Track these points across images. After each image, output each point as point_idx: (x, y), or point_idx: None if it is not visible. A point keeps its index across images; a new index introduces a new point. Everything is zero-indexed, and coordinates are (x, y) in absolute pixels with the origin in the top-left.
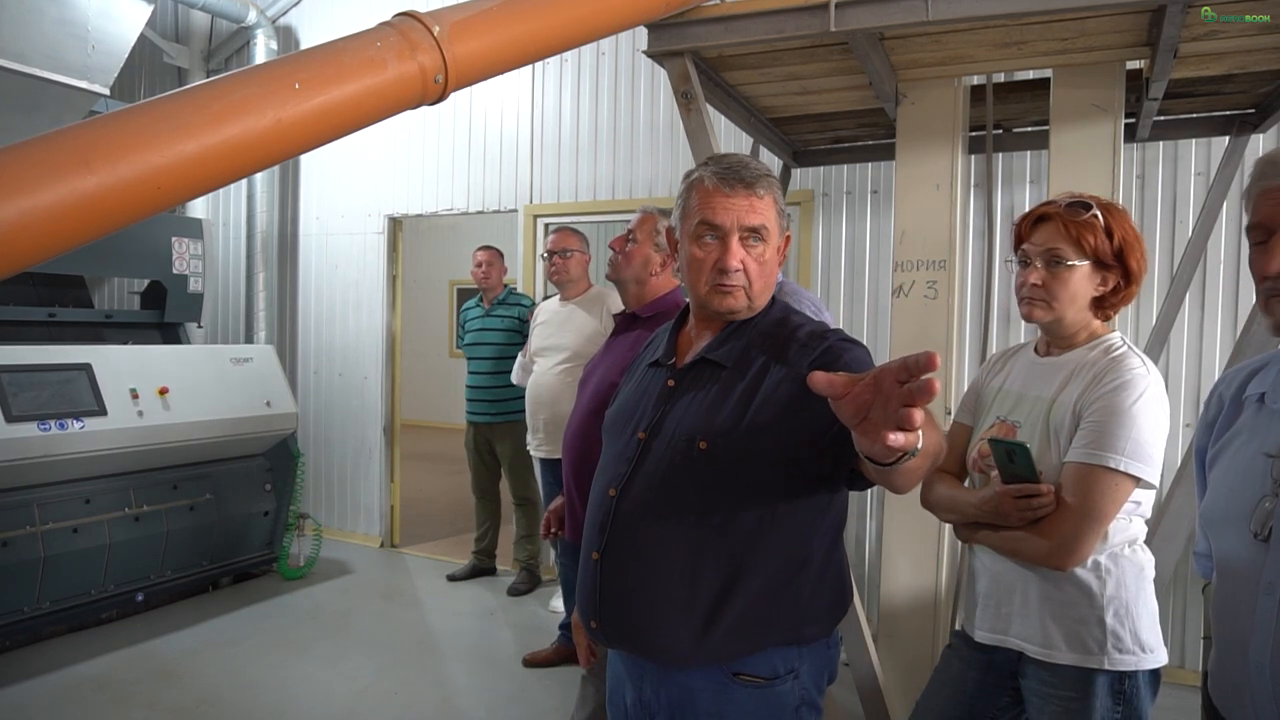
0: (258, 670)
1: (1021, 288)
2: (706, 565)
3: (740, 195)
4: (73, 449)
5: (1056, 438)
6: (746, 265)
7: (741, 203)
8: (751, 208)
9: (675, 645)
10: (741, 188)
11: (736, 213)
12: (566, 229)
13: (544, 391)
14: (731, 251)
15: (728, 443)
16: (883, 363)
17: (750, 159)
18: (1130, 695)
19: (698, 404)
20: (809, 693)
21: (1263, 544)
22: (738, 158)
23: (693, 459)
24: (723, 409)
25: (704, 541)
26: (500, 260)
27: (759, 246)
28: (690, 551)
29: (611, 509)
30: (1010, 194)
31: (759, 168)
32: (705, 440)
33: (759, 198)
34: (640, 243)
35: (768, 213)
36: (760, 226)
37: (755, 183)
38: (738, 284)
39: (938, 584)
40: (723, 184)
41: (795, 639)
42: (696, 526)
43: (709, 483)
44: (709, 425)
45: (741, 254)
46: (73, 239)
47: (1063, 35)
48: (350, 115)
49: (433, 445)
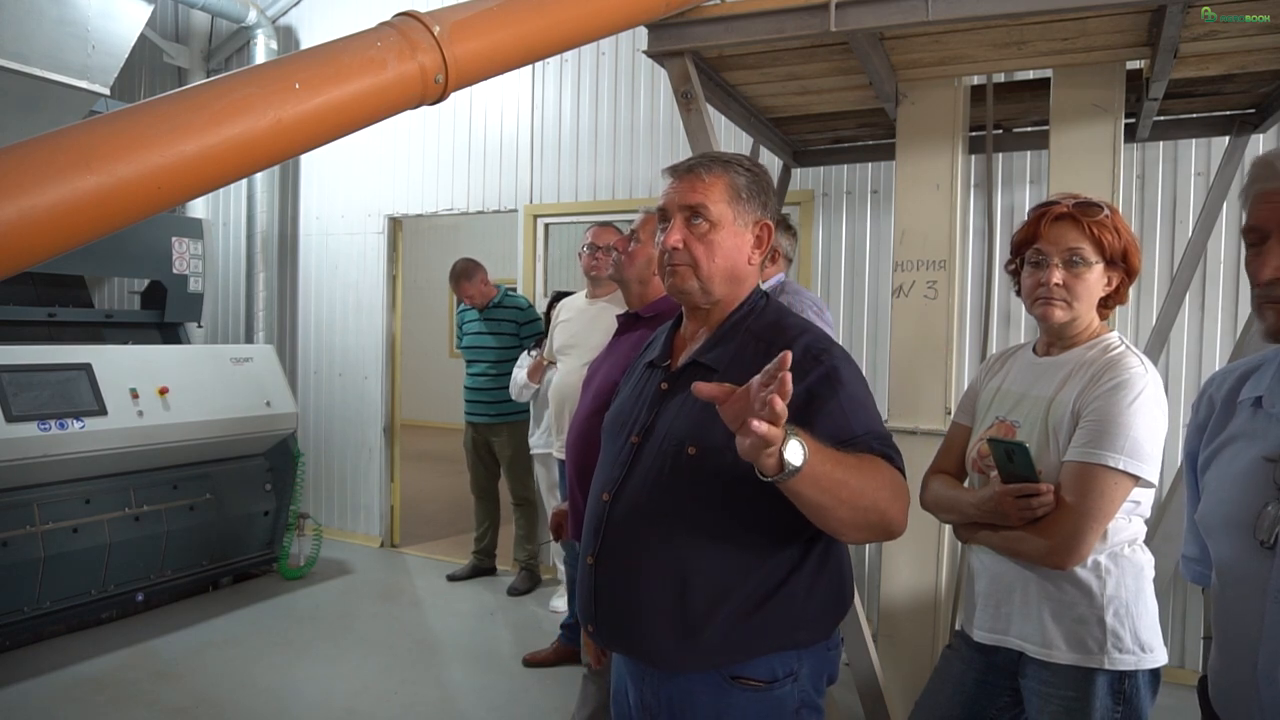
0: (258, 670)
1: (1038, 288)
2: (695, 570)
3: (683, 179)
4: (73, 449)
5: (1055, 437)
6: (690, 245)
7: (683, 185)
8: (691, 187)
9: (666, 650)
10: (685, 172)
11: (677, 194)
12: (609, 225)
13: (570, 391)
14: (671, 229)
15: (718, 450)
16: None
17: (716, 153)
18: (1130, 695)
19: (688, 409)
20: (809, 695)
21: (1269, 551)
22: (701, 154)
23: (681, 464)
24: (713, 417)
25: (693, 546)
26: (477, 274)
27: (701, 225)
28: (679, 556)
29: (604, 513)
30: (1010, 194)
31: (716, 155)
32: (694, 446)
33: (701, 179)
34: (644, 243)
35: (710, 193)
36: (698, 204)
37: (698, 167)
38: (680, 262)
39: (938, 584)
40: (671, 174)
41: (791, 643)
42: (686, 531)
43: (698, 488)
44: (698, 432)
45: (683, 233)
46: (73, 239)
47: (1063, 35)
48: (350, 115)
49: (433, 445)
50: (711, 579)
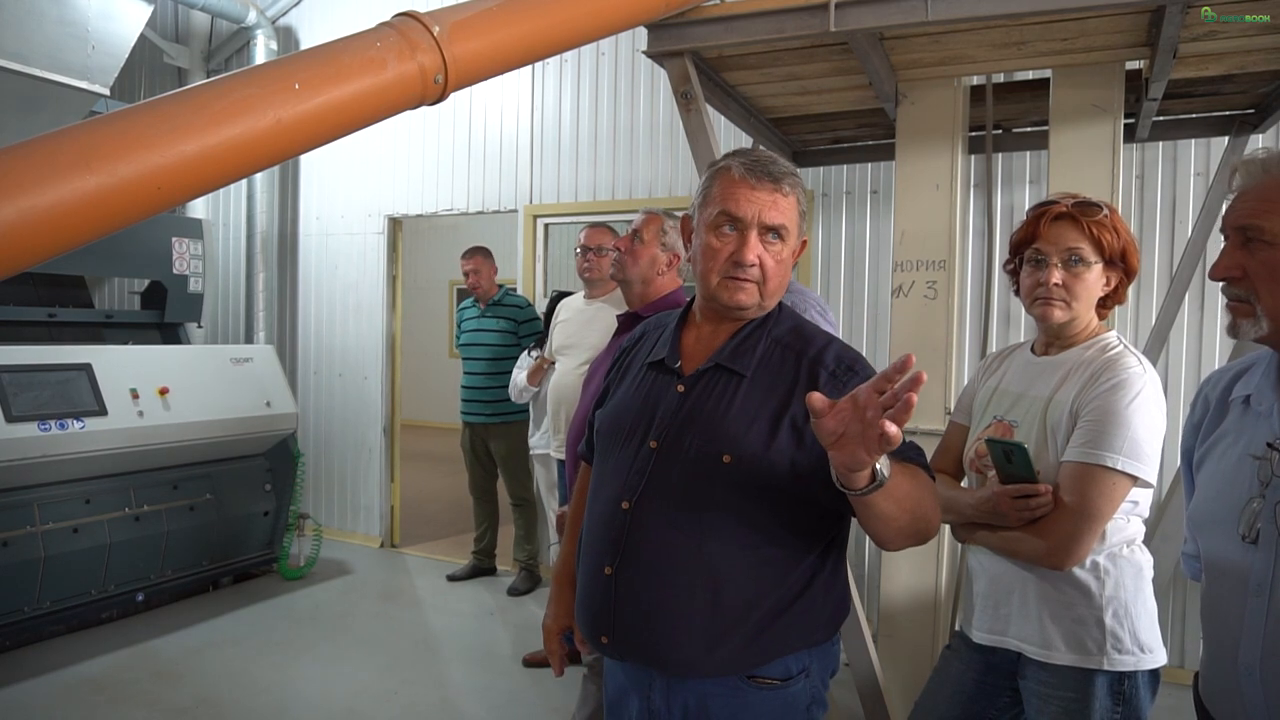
0: (258, 670)
1: (1037, 288)
2: (728, 579)
3: (765, 190)
4: (73, 449)
5: (1054, 437)
6: (763, 262)
7: (765, 197)
8: (775, 204)
9: (694, 658)
10: (768, 181)
11: (759, 206)
12: (602, 225)
13: (567, 391)
14: (750, 244)
15: (755, 460)
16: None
17: (779, 157)
18: (1129, 695)
19: (720, 415)
20: (818, 690)
21: (1251, 546)
22: (767, 153)
23: (717, 473)
24: (749, 425)
25: (726, 555)
26: (488, 261)
27: (777, 245)
28: (712, 565)
29: (626, 522)
30: (1010, 194)
31: (787, 166)
32: (730, 454)
33: (784, 195)
34: (647, 243)
35: (790, 212)
36: (781, 225)
37: (781, 179)
38: (752, 279)
39: (938, 584)
40: (749, 175)
41: (807, 644)
42: (720, 540)
43: (733, 497)
44: (735, 439)
45: (759, 249)
46: (73, 239)
47: (1063, 35)
48: (350, 115)
49: (433, 445)
50: (744, 586)
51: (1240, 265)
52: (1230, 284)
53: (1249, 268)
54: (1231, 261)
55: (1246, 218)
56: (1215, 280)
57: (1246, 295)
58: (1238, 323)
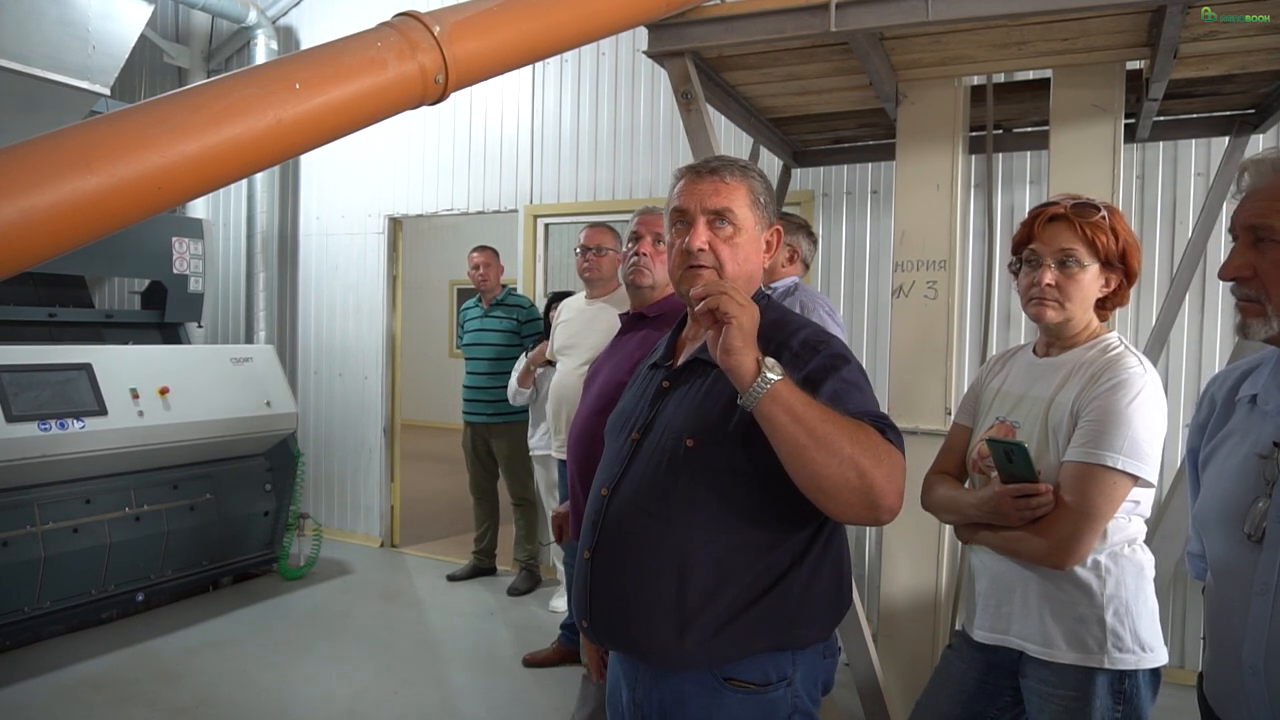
0: (258, 670)
1: (1031, 288)
2: (694, 562)
3: (707, 181)
4: (73, 449)
5: (1055, 437)
6: (715, 248)
7: (707, 187)
8: (716, 190)
9: (662, 645)
10: (707, 174)
11: (700, 196)
12: (602, 225)
13: (568, 391)
14: (696, 231)
15: (715, 441)
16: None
17: (734, 158)
18: (1130, 694)
19: (688, 403)
20: (802, 702)
21: (1255, 545)
22: (719, 156)
23: (680, 457)
24: (712, 408)
25: (691, 538)
26: (496, 260)
27: (727, 229)
28: (677, 548)
29: (603, 508)
30: (1010, 194)
31: (735, 160)
32: (693, 438)
33: (725, 183)
34: (669, 243)
35: (733, 196)
36: (725, 209)
37: (721, 169)
38: (705, 264)
39: (938, 584)
40: (692, 173)
41: (787, 642)
42: (685, 523)
43: (697, 479)
44: (697, 424)
45: (707, 235)
46: (73, 239)
47: (1063, 35)
48: (350, 115)
49: (433, 445)
50: (709, 569)
51: (1251, 265)
52: (1240, 284)
53: (1259, 267)
54: (1242, 261)
55: (1257, 217)
56: (1225, 280)
57: (1257, 295)
58: (1248, 322)
